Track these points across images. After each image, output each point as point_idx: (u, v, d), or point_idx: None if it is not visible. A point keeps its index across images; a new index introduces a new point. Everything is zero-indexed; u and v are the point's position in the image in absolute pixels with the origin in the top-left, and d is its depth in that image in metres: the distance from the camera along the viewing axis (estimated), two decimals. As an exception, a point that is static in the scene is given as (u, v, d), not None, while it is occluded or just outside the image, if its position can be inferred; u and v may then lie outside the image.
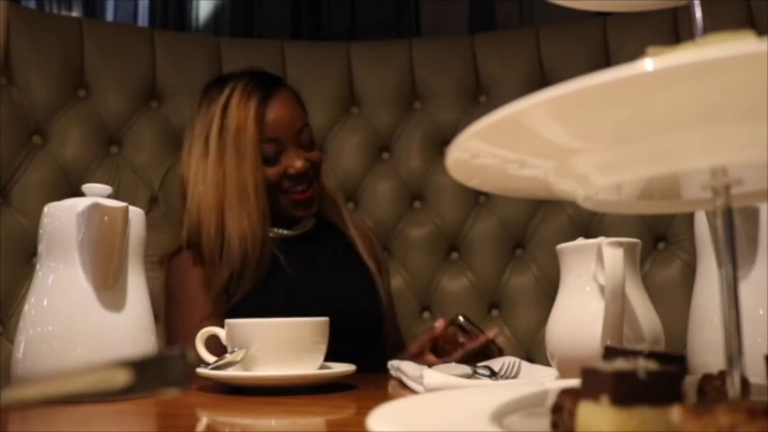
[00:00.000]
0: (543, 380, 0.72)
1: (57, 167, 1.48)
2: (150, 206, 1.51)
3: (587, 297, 0.70)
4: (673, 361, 0.36)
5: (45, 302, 0.72)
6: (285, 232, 1.34)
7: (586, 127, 0.31)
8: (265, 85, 1.27)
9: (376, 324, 1.32)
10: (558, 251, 0.74)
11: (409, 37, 1.99)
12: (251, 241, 1.21)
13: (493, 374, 0.79)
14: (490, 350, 1.11)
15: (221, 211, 1.23)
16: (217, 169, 1.23)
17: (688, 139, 0.30)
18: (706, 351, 0.65)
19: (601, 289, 0.67)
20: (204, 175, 1.24)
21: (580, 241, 0.73)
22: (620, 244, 0.66)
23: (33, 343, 0.71)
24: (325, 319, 0.80)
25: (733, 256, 0.34)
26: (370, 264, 1.35)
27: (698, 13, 0.45)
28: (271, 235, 1.29)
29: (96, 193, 0.75)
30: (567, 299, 0.72)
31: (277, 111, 1.26)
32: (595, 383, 0.30)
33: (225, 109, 1.24)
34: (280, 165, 1.25)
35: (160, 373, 0.33)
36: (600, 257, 0.67)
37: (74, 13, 2.23)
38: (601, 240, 0.68)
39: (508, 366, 0.81)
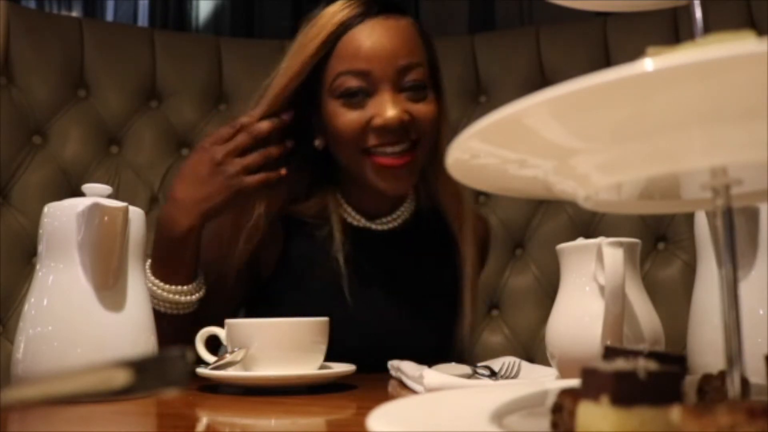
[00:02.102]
0: (543, 380, 0.72)
1: (57, 167, 1.48)
2: (150, 206, 1.51)
3: (587, 297, 0.70)
4: (673, 361, 0.36)
5: (45, 302, 0.72)
6: (362, 222, 1.03)
7: (586, 127, 0.31)
8: (369, 5, 0.95)
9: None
10: (558, 251, 0.74)
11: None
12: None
13: (493, 374, 0.79)
14: None
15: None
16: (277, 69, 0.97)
17: (688, 139, 0.30)
18: (706, 351, 0.65)
19: (601, 289, 0.67)
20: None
21: (580, 241, 0.73)
22: (620, 244, 0.66)
23: (33, 343, 0.71)
24: (325, 319, 0.80)
25: (733, 256, 0.34)
26: (467, 301, 1.03)
27: (698, 13, 0.45)
28: (348, 220, 1.02)
29: (96, 193, 0.75)
30: (567, 299, 0.72)
31: (374, 36, 0.92)
32: (595, 383, 0.30)
33: (318, 18, 0.96)
34: (365, 110, 0.92)
35: (160, 373, 0.33)
36: (600, 257, 0.67)
37: (74, 13, 2.23)
38: (601, 240, 0.68)
39: (508, 366, 0.81)
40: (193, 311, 0.96)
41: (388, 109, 0.90)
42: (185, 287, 0.94)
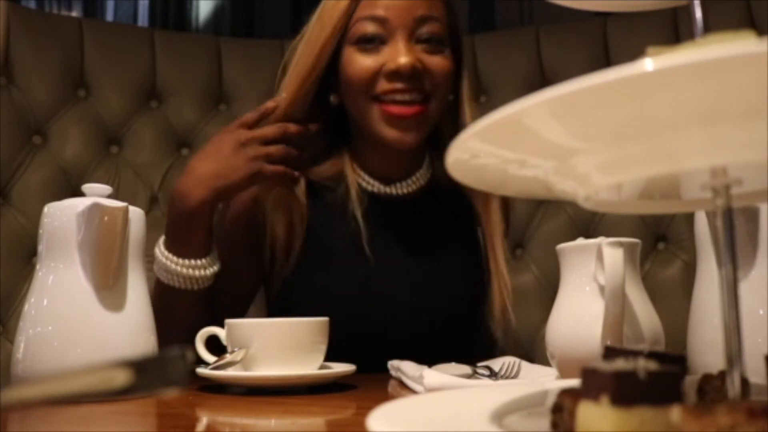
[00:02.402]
0: (543, 380, 0.72)
1: (57, 167, 1.48)
2: (150, 206, 1.51)
3: (587, 297, 0.70)
4: (673, 361, 0.36)
5: (45, 302, 0.72)
6: (376, 187, 1.01)
7: (586, 127, 0.31)
8: None
9: (465, 330, 1.02)
10: (558, 251, 0.74)
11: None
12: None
13: (493, 374, 0.79)
14: None
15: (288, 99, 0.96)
16: (293, 49, 0.98)
17: (688, 139, 0.30)
18: (706, 351, 0.65)
19: (601, 289, 0.67)
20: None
21: (580, 241, 0.73)
22: (620, 244, 0.66)
23: (33, 343, 0.71)
24: (325, 319, 0.80)
25: (733, 256, 0.34)
26: (494, 260, 1.01)
27: (698, 13, 0.45)
28: (361, 185, 1.00)
29: (96, 193, 0.75)
30: (567, 299, 0.72)
31: None
32: (595, 383, 0.30)
33: None
34: (379, 55, 0.92)
35: (160, 373, 0.33)
36: (600, 257, 0.67)
37: (74, 13, 2.23)
38: (601, 240, 0.68)
39: (508, 366, 0.81)
40: (208, 287, 0.95)
41: (401, 55, 0.90)
42: (199, 261, 0.93)
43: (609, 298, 0.65)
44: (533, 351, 1.49)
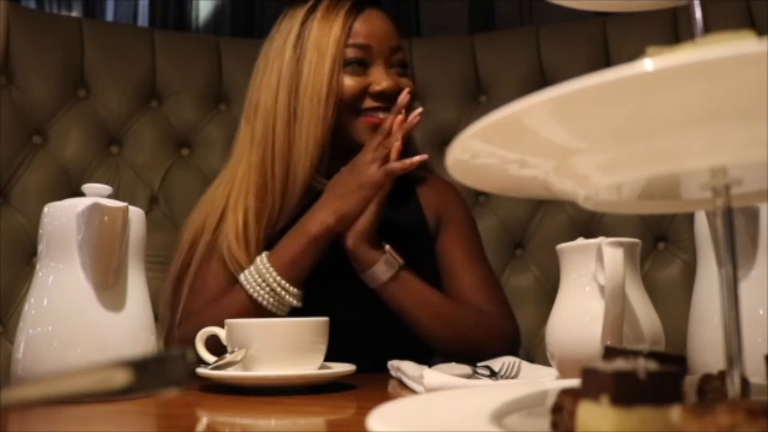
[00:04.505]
0: (543, 380, 0.72)
1: (57, 167, 1.48)
2: (150, 206, 1.51)
3: (587, 297, 0.70)
4: (673, 361, 0.36)
5: (45, 302, 0.72)
6: None
7: (586, 127, 0.31)
8: (361, 1, 1.13)
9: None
10: (558, 251, 0.74)
11: (409, 37, 1.99)
12: (313, 160, 1.06)
13: (493, 374, 0.79)
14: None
15: (292, 120, 1.07)
16: (288, 81, 1.09)
17: (688, 139, 0.30)
18: (707, 351, 0.65)
19: (601, 289, 0.68)
20: (276, 86, 1.10)
21: (580, 241, 0.73)
22: (620, 244, 0.66)
23: (33, 343, 0.71)
24: (325, 319, 0.80)
25: (733, 256, 0.34)
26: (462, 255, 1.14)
27: (698, 13, 0.45)
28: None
29: (96, 193, 0.75)
30: (567, 299, 0.72)
31: (369, 21, 1.11)
32: (595, 383, 0.30)
33: (310, 12, 1.11)
34: (364, 77, 1.09)
35: (160, 373, 0.33)
36: (600, 257, 0.67)
37: (74, 13, 2.23)
38: (601, 240, 0.68)
39: (508, 366, 0.81)
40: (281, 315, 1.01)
41: (385, 78, 1.09)
42: (296, 290, 1.01)
43: (609, 298, 0.65)
44: (533, 351, 1.49)
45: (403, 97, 1.06)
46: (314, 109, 1.07)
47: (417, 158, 1.02)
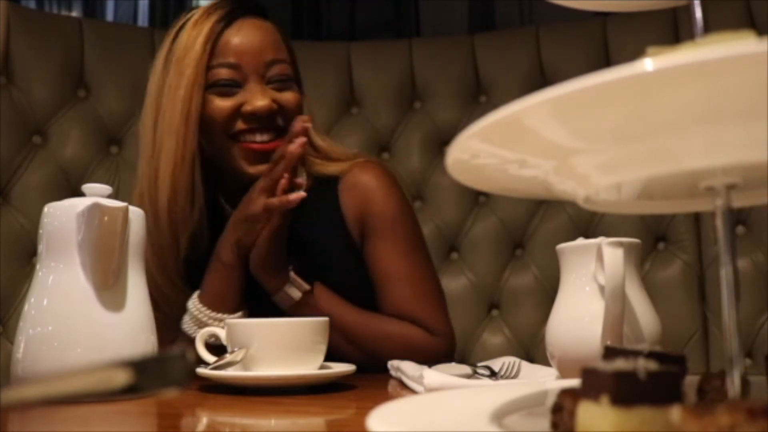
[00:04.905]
0: (543, 380, 0.72)
1: (57, 167, 1.48)
2: (150, 206, 1.51)
3: (587, 297, 0.70)
4: (673, 361, 0.36)
5: (45, 302, 0.72)
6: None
7: (586, 127, 0.31)
8: (235, 8, 1.03)
9: None
10: (558, 251, 0.74)
11: (409, 37, 1.99)
12: (181, 196, 0.99)
13: (493, 374, 0.79)
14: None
15: (156, 154, 1.00)
16: (154, 103, 1.01)
17: (688, 139, 0.30)
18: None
19: (601, 289, 0.67)
20: (144, 115, 1.03)
21: (580, 241, 0.73)
22: (620, 244, 0.66)
23: (33, 343, 0.71)
24: (326, 319, 0.80)
25: (733, 256, 0.34)
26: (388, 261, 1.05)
27: (698, 13, 0.45)
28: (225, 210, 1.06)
29: (96, 193, 0.75)
30: (567, 299, 0.72)
31: (242, 34, 1.00)
32: (595, 383, 0.30)
33: (180, 29, 1.03)
34: (235, 97, 0.99)
35: (160, 373, 0.33)
36: (600, 257, 0.67)
37: (74, 13, 2.23)
38: (601, 240, 0.68)
39: (508, 366, 0.81)
40: None
41: (258, 98, 0.98)
42: (236, 315, 0.99)
43: (609, 298, 0.65)
44: (533, 351, 1.49)
45: (297, 125, 0.94)
46: (171, 136, 0.98)
47: (294, 196, 0.94)
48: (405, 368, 0.79)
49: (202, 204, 1.01)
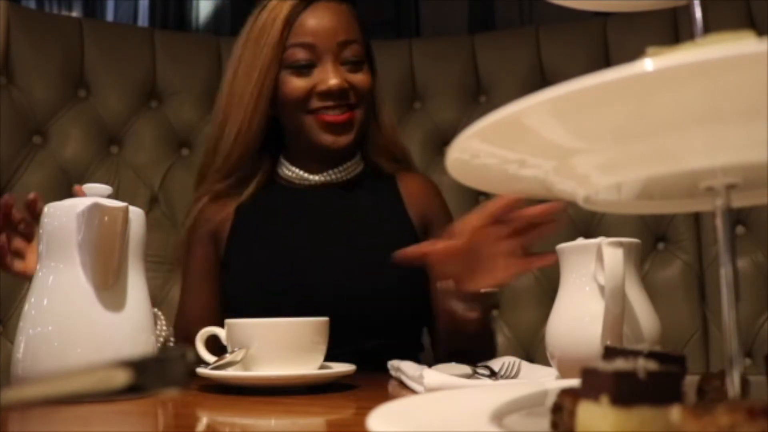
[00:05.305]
0: (543, 380, 0.72)
1: (57, 167, 1.48)
2: (150, 206, 1.51)
3: (587, 297, 0.70)
4: (673, 361, 0.36)
5: (45, 302, 0.72)
6: (315, 177, 1.12)
7: (586, 127, 0.31)
8: None
9: (411, 311, 1.09)
10: (558, 251, 0.74)
11: (409, 37, 1.99)
12: (244, 156, 1.08)
13: (493, 374, 0.79)
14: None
15: (222, 122, 1.09)
16: (231, 77, 1.10)
17: (688, 139, 0.30)
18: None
19: (601, 289, 0.67)
20: (222, 85, 1.12)
21: (580, 241, 0.72)
22: (620, 244, 0.66)
23: (33, 343, 0.71)
24: (326, 318, 0.80)
25: (733, 256, 0.34)
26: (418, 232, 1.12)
27: (698, 13, 0.45)
28: (289, 177, 1.13)
29: (96, 193, 0.75)
30: (567, 299, 0.72)
31: (318, 16, 1.07)
32: (595, 383, 0.30)
33: (261, 10, 1.10)
34: (311, 77, 1.06)
35: (160, 373, 0.33)
36: (600, 257, 0.67)
37: (74, 13, 2.22)
38: (601, 240, 0.68)
39: (508, 366, 0.81)
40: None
41: (331, 77, 1.04)
42: None
43: (609, 298, 0.65)
44: (533, 351, 1.49)
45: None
46: (239, 108, 1.07)
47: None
48: (405, 368, 0.79)
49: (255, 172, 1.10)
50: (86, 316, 0.71)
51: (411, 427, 0.35)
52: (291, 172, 1.13)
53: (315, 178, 1.12)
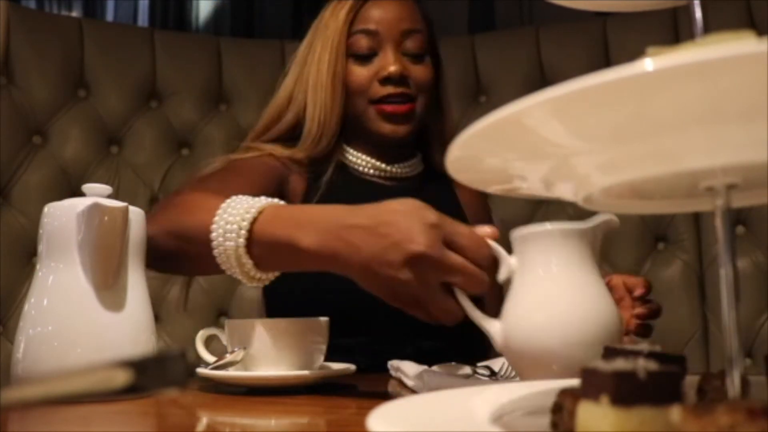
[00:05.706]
0: (543, 380, 0.71)
1: (57, 167, 1.48)
2: (150, 206, 1.51)
3: (540, 284, 0.63)
4: (673, 361, 0.36)
5: (45, 302, 0.72)
6: (384, 166, 1.12)
7: (586, 127, 0.31)
8: None
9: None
10: (511, 239, 0.66)
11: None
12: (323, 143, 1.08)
13: (493, 374, 0.79)
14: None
15: (291, 107, 1.10)
16: (299, 67, 1.12)
17: (688, 139, 0.30)
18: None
19: (554, 275, 0.63)
20: (287, 75, 1.14)
21: (533, 227, 0.67)
22: (571, 231, 0.63)
23: (33, 343, 0.71)
24: (326, 318, 0.80)
25: (733, 256, 0.34)
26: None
27: (698, 13, 0.45)
28: (355, 165, 1.13)
29: (96, 193, 0.75)
30: (523, 288, 0.66)
31: (383, 5, 1.10)
32: (595, 383, 0.30)
33: (329, 2, 1.13)
34: (372, 65, 1.08)
35: (160, 373, 0.33)
36: (551, 244, 0.63)
37: (74, 13, 2.23)
38: (550, 225, 0.63)
39: (509, 366, 0.81)
40: None
41: (391, 63, 1.06)
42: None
43: (559, 284, 0.62)
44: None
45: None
46: (318, 92, 1.07)
47: None
48: (405, 368, 0.79)
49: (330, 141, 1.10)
50: (86, 316, 0.71)
51: (411, 427, 0.35)
52: (359, 159, 1.13)
53: (384, 167, 1.13)
